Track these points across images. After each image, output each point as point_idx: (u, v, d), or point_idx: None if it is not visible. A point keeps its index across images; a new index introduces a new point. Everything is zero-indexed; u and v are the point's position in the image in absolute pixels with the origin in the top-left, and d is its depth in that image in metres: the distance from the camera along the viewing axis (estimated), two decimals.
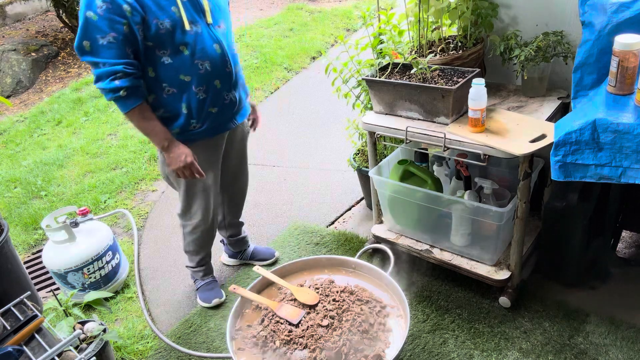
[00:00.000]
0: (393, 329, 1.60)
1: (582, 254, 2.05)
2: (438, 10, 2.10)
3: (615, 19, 1.52)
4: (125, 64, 1.69)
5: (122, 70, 1.68)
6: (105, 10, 1.61)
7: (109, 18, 1.62)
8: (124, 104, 1.74)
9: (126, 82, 1.70)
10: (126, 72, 1.69)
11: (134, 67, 1.72)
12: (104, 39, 1.64)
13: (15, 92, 5.96)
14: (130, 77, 1.70)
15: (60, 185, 3.78)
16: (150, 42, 1.73)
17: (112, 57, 1.66)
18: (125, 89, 1.70)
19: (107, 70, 1.67)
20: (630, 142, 1.36)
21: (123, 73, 1.68)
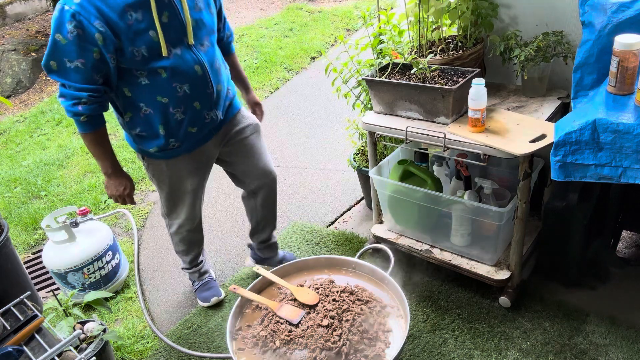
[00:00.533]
0: (393, 329, 1.60)
1: (582, 254, 2.05)
2: (438, 10, 2.10)
3: (615, 19, 1.52)
4: (91, 90, 1.63)
5: (86, 97, 1.63)
6: (76, 36, 1.53)
7: (78, 44, 1.55)
8: (82, 127, 1.74)
9: (88, 110, 1.67)
10: (90, 99, 1.65)
11: (99, 94, 1.66)
12: (71, 63, 1.58)
13: (15, 92, 5.96)
14: (94, 104, 1.67)
15: (60, 185, 3.78)
16: (125, 65, 1.66)
17: (78, 82, 1.61)
18: (86, 116, 1.69)
19: (71, 93, 1.63)
20: (630, 142, 1.36)
21: (87, 100, 1.64)
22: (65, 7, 1.51)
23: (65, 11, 1.50)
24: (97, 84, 1.65)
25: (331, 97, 2.63)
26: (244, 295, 1.74)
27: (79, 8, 1.50)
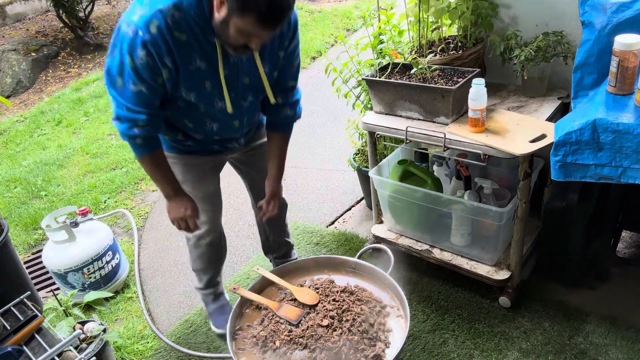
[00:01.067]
0: (393, 329, 1.60)
1: (582, 254, 2.05)
2: (438, 10, 2.10)
3: (615, 19, 1.52)
4: (148, 113, 1.57)
5: (144, 119, 1.56)
6: (145, 63, 1.46)
7: (145, 71, 1.48)
8: (138, 150, 1.65)
9: (144, 132, 1.59)
10: (146, 122, 1.58)
11: (155, 116, 1.61)
12: (135, 86, 1.51)
13: (15, 92, 5.97)
14: (149, 126, 1.59)
15: (60, 185, 3.79)
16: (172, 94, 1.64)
17: (137, 104, 1.54)
18: (142, 138, 1.61)
19: (127, 116, 1.56)
20: (630, 142, 1.36)
21: (144, 122, 1.57)
22: (139, 32, 1.41)
23: (138, 37, 1.42)
24: (155, 107, 1.59)
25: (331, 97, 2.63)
26: (244, 296, 1.74)
27: (153, 40, 1.42)
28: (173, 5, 1.40)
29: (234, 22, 1.38)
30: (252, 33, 1.40)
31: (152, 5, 1.41)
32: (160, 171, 1.73)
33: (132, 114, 1.55)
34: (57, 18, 6.53)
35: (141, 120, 1.56)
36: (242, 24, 1.37)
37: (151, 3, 1.41)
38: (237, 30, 1.39)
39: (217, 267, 2.15)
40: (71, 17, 6.51)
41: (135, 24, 1.42)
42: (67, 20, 6.53)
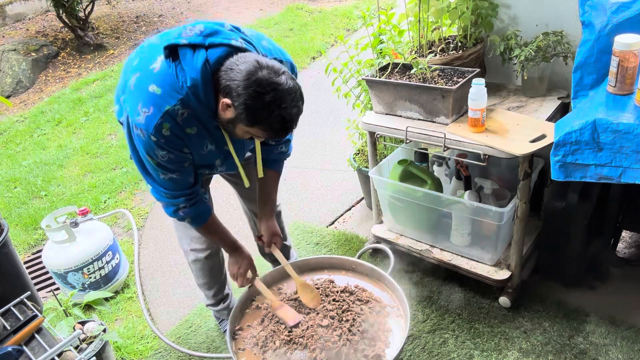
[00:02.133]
0: (393, 329, 1.60)
1: (582, 254, 2.05)
2: (438, 10, 2.10)
3: (615, 19, 1.52)
4: (188, 194, 1.56)
5: (184, 201, 1.56)
6: (167, 160, 1.44)
7: (170, 164, 1.46)
8: (192, 224, 1.67)
9: (190, 212, 1.59)
10: (188, 201, 1.56)
11: (195, 192, 1.58)
12: (165, 175, 1.49)
13: (15, 92, 5.96)
14: (193, 204, 1.58)
15: (60, 185, 3.78)
16: None
17: (173, 190, 1.53)
18: (190, 218, 1.61)
19: (169, 201, 1.56)
20: (630, 142, 1.36)
21: (185, 203, 1.56)
22: (152, 137, 1.37)
23: (152, 141, 1.38)
24: (191, 185, 1.56)
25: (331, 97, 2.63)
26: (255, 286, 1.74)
27: (168, 141, 1.39)
28: (181, 104, 1.35)
29: (241, 127, 1.36)
30: (261, 137, 1.42)
31: (156, 105, 1.35)
32: (216, 235, 1.76)
33: (171, 199, 1.55)
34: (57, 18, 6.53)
35: (182, 203, 1.56)
36: (252, 131, 1.37)
37: (154, 102, 1.35)
38: (245, 132, 1.39)
39: (220, 279, 2.08)
40: (71, 17, 6.51)
41: (144, 128, 1.36)
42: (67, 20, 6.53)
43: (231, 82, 1.29)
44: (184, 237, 1.93)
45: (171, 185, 1.52)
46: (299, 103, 1.35)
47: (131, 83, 1.42)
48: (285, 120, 1.32)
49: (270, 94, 1.27)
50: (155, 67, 1.38)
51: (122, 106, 1.50)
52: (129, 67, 1.48)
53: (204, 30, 1.36)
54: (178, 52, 1.34)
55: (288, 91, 1.30)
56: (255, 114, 1.29)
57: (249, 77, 1.27)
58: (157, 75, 1.36)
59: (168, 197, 1.55)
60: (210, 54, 1.33)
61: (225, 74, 1.31)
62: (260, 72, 1.28)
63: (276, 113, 1.29)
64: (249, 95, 1.27)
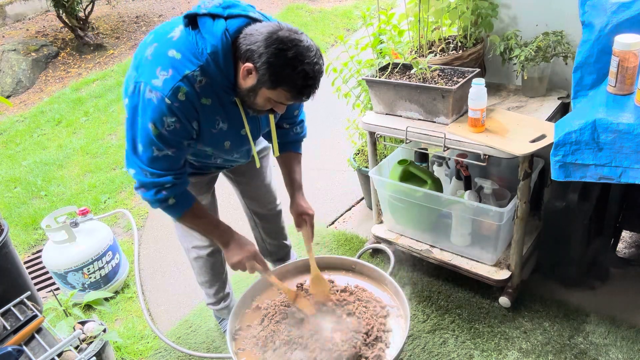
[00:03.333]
0: (393, 329, 1.60)
1: (582, 254, 2.05)
2: (438, 10, 2.10)
3: (615, 19, 1.52)
4: (175, 175, 1.48)
5: (170, 181, 1.47)
6: (172, 130, 1.39)
7: (173, 137, 1.41)
8: (174, 211, 1.55)
9: (173, 191, 1.50)
10: (174, 182, 1.49)
11: (182, 174, 1.52)
12: (159, 152, 1.42)
13: (15, 92, 5.97)
14: (178, 185, 1.50)
15: (60, 185, 3.79)
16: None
17: (161, 169, 1.46)
18: (173, 197, 1.50)
19: (153, 181, 1.46)
20: (630, 142, 1.36)
21: (171, 183, 1.48)
22: (166, 100, 1.33)
23: (165, 104, 1.34)
24: (180, 167, 1.51)
25: (331, 97, 2.63)
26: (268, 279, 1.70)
27: (182, 107, 1.36)
28: (200, 71, 1.35)
29: (263, 93, 1.35)
30: (284, 103, 1.39)
31: (176, 68, 1.34)
32: (205, 221, 1.63)
33: (156, 178, 1.46)
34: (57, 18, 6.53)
35: (168, 182, 1.48)
36: (274, 95, 1.35)
37: (174, 65, 1.34)
38: (266, 100, 1.37)
39: (221, 278, 2.07)
40: (71, 17, 6.51)
41: (160, 90, 1.33)
42: (67, 20, 6.53)
43: (252, 45, 1.30)
44: (186, 235, 1.93)
45: (161, 165, 1.45)
46: (320, 60, 1.35)
47: (148, 54, 1.39)
48: (309, 76, 1.31)
49: (293, 49, 1.28)
50: (175, 35, 1.38)
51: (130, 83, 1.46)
52: (143, 47, 1.45)
53: (222, 2, 1.38)
54: (197, 22, 1.35)
55: (309, 47, 1.31)
56: (279, 71, 1.29)
57: (270, 36, 1.28)
58: (176, 42, 1.37)
59: (154, 176, 1.46)
60: (229, 24, 1.35)
61: (245, 39, 1.32)
62: (281, 32, 1.29)
63: (299, 69, 1.29)
64: (271, 53, 1.28)
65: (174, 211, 1.55)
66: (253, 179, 1.97)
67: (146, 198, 1.51)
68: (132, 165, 1.48)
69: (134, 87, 1.40)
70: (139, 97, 1.38)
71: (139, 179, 1.48)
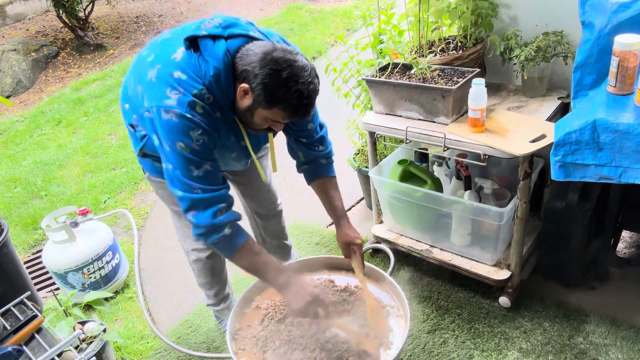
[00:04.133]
0: (393, 329, 1.60)
1: (582, 254, 2.05)
2: (438, 10, 2.10)
3: (615, 19, 1.52)
4: (225, 188, 1.44)
5: (225, 195, 1.43)
6: (202, 143, 1.37)
7: (205, 149, 1.39)
8: (231, 243, 1.46)
9: (230, 216, 1.44)
10: (228, 196, 1.45)
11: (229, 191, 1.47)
12: (199, 169, 1.39)
13: (15, 92, 5.96)
14: (231, 203, 1.46)
15: (60, 185, 3.78)
16: None
17: (211, 184, 1.41)
18: (230, 225, 1.44)
19: (206, 197, 1.39)
20: (630, 142, 1.36)
21: (226, 198, 1.44)
22: (187, 115, 1.33)
23: (188, 119, 1.33)
24: (224, 181, 1.47)
25: (331, 97, 2.63)
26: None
27: (203, 119, 1.35)
28: (207, 89, 1.36)
29: (259, 112, 1.36)
30: (281, 122, 1.40)
31: (185, 87, 1.35)
32: (261, 259, 1.53)
33: (209, 194, 1.40)
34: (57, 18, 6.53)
35: (223, 197, 1.43)
36: (270, 115, 1.36)
37: (182, 85, 1.35)
38: (264, 119, 1.38)
39: (221, 279, 2.06)
40: (71, 17, 6.51)
41: (177, 108, 1.33)
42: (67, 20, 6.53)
43: (247, 65, 1.32)
44: (186, 237, 1.92)
45: (206, 181, 1.40)
46: (315, 80, 1.37)
47: (152, 76, 1.40)
48: (303, 95, 1.33)
49: (287, 70, 1.30)
50: (177, 57, 1.39)
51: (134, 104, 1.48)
52: (142, 64, 1.45)
53: (222, 22, 1.40)
54: (198, 44, 1.37)
55: (303, 67, 1.33)
56: (273, 92, 1.31)
57: (265, 57, 1.30)
58: (180, 63, 1.38)
59: (207, 192, 1.40)
60: (230, 44, 1.36)
61: (241, 59, 1.34)
62: (276, 52, 1.31)
63: (294, 89, 1.30)
64: (266, 74, 1.29)
65: (231, 243, 1.46)
66: (253, 179, 1.97)
67: (201, 223, 1.41)
68: (176, 184, 1.41)
69: (149, 115, 1.39)
70: (157, 121, 1.37)
71: (189, 197, 1.39)
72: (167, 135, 1.37)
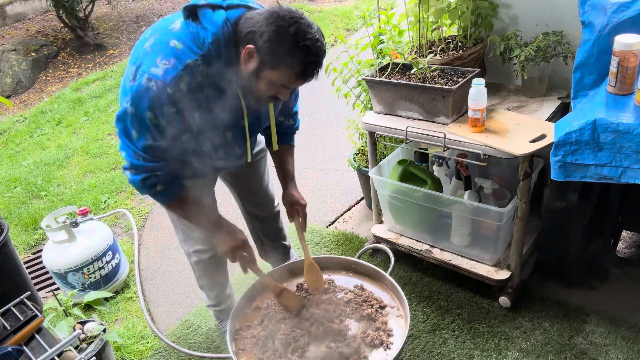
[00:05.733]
0: (393, 329, 1.60)
1: (582, 254, 2.05)
2: (438, 10, 2.10)
3: (615, 19, 1.52)
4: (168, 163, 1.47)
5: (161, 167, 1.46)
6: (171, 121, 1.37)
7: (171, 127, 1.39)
8: (162, 198, 1.53)
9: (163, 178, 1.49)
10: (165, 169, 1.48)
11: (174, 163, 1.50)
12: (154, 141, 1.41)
13: (15, 92, 5.97)
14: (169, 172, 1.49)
15: (60, 185, 3.79)
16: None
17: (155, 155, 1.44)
18: (162, 184, 1.49)
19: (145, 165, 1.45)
20: (630, 142, 1.36)
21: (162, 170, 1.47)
22: (167, 89, 1.31)
23: (166, 93, 1.31)
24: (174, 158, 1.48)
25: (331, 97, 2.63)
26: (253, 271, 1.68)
27: (182, 97, 1.33)
28: (202, 60, 1.32)
29: (265, 75, 1.32)
30: (287, 86, 1.35)
31: (178, 57, 1.31)
32: (194, 208, 1.59)
33: (149, 162, 1.43)
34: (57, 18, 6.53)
35: (159, 169, 1.46)
36: (275, 77, 1.32)
37: (176, 55, 1.32)
38: (269, 83, 1.34)
39: (222, 280, 2.06)
40: (71, 17, 6.51)
41: (161, 78, 1.30)
42: (67, 20, 6.53)
43: (252, 26, 1.29)
44: (186, 239, 1.91)
45: (155, 152, 1.43)
46: (322, 38, 1.33)
47: (147, 46, 1.38)
48: (311, 51, 1.29)
49: (294, 26, 1.27)
50: (175, 27, 1.37)
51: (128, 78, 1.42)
52: (141, 43, 1.43)
53: None
54: (197, 14, 1.35)
55: (310, 25, 1.30)
56: (280, 48, 1.27)
57: (271, 15, 1.28)
58: (177, 32, 1.36)
59: (147, 160, 1.43)
60: (229, 14, 1.35)
61: (245, 22, 1.32)
62: (281, 11, 1.29)
63: (302, 44, 1.27)
64: (272, 31, 1.27)
65: (162, 198, 1.54)
66: (250, 182, 1.96)
67: (134, 181, 1.47)
68: (125, 148, 1.45)
69: (133, 75, 1.36)
70: (137, 84, 1.34)
71: (130, 161, 1.45)
72: (141, 99, 1.34)
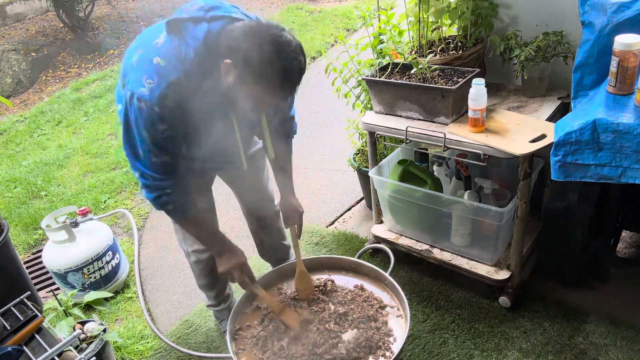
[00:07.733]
0: (393, 329, 1.60)
1: (582, 254, 2.05)
2: (438, 10, 2.10)
3: (615, 19, 1.52)
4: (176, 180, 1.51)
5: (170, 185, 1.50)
6: (167, 137, 1.39)
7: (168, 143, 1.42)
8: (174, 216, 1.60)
9: (174, 198, 1.53)
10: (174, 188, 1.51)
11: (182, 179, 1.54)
12: (157, 158, 1.44)
13: (15, 92, 5.97)
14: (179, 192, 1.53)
15: (60, 185, 3.79)
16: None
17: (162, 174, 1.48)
18: (173, 204, 1.54)
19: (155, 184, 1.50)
20: (630, 142, 1.36)
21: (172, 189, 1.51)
22: (155, 108, 1.33)
23: (155, 112, 1.34)
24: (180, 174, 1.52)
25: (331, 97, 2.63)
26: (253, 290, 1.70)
27: (172, 113, 1.35)
28: (184, 76, 1.33)
29: (244, 90, 1.32)
30: (266, 101, 1.35)
31: (160, 75, 1.33)
32: (202, 229, 1.66)
33: (158, 182, 1.48)
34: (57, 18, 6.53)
35: (168, 188, 1.50)
36: (254, 92, 1.32)
37: (159, 72, 1.33)
38: (247, 97, 1.34)
39: (222, 280, 2.05)
40: (71, 17, 6.51)
41: (148, 98, 1.33)
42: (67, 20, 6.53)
43: (231, 41, 1.29)
44: (186, 238, 1.92)
45: (161, 170, 1.46)
46: (300, 57, 1.33)
47: (134, 60, 1.39)
48: (287, 71, 1.29)
49: (271, 44, 1.26)
50: (159, 42, 1.37)
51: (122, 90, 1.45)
52: (129, 53, 1.45)
53: (204, 5, 1.38)
54: (180, 28, 1.35)
55: (288, 43, 1.30)
56: (256, 67, 1.27)
57: (248, 32, 1.28)
58: (160, 48, 1.36)
59: (155, 180, 1.48)
60: (212, 26, 1.34)
61: (225, 36, 1.31)
62: (259, 27, 1.28)
63: (277, 64, 1.27)
64: (248, 49, 1.26)
65: (173, 216, 1.61)
66: (249, 181, 1.96)
67: (148, 199, 1.55)
68: (135, 169, 1.51)
69: (128, 97, 1.38)
70: (131, 103, 1.37)
71: (142, 182, 1.52)
72: (137, 121, 1.38)
